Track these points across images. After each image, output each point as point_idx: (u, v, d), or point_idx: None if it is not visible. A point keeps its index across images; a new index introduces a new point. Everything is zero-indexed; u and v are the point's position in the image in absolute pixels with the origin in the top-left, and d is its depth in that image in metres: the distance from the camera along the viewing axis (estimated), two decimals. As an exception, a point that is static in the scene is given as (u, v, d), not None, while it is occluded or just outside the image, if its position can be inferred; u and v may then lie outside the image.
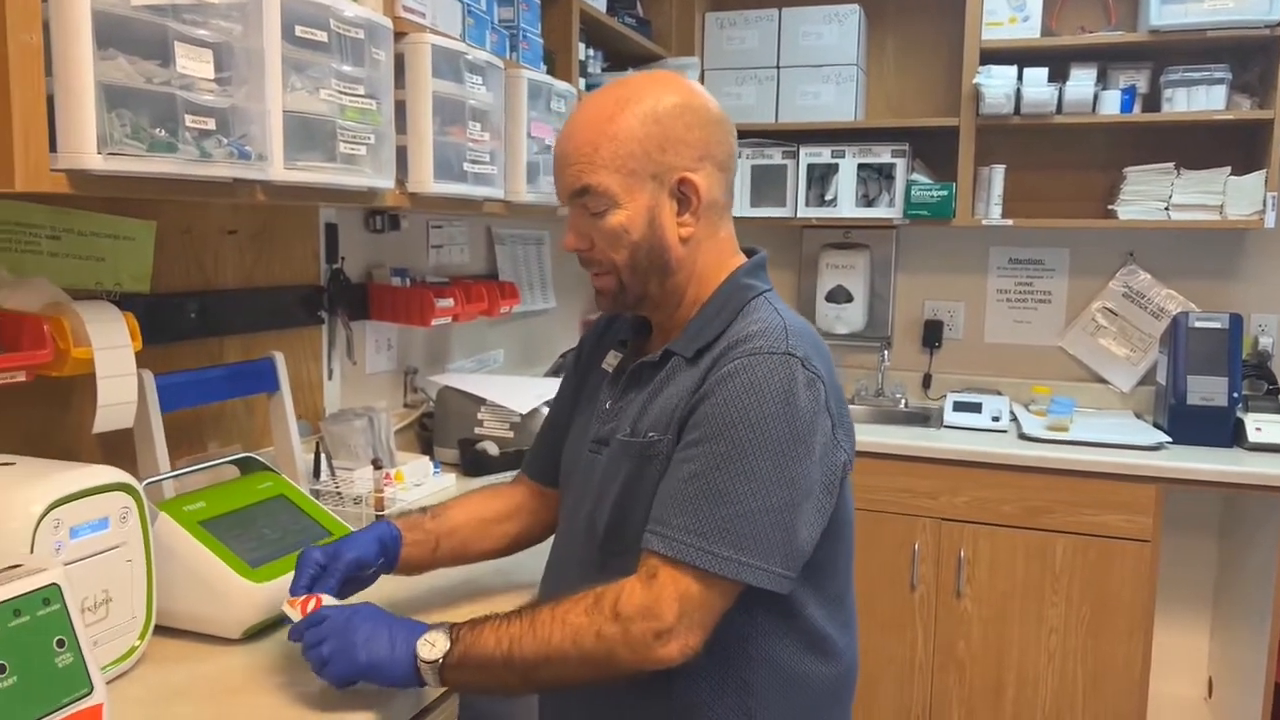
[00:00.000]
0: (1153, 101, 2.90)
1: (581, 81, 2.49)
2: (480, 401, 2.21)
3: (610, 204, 1.13)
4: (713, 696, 1.13)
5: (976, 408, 2.95)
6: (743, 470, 1.05)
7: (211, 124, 1.18)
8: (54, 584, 0.87)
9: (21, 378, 1.24)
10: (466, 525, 1.35)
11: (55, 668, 0.85)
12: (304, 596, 1.16)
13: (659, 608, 1.03)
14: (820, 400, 1.10)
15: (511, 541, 1.40)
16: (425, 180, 1.67)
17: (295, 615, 1.13)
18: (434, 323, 2.15)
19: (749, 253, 1.25)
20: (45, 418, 1.46)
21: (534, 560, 1.41)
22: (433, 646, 1.06)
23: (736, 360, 1.09)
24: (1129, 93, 2.88)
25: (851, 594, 1.25)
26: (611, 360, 1.30)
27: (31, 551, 1.02)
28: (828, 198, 3.14)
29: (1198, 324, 2.79)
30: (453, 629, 1.08)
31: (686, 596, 1.04)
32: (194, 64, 1.15)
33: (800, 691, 1.16)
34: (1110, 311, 3.15)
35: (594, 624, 1.04)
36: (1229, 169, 2.79)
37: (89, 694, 0.88)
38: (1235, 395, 2.70)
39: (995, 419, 2.89)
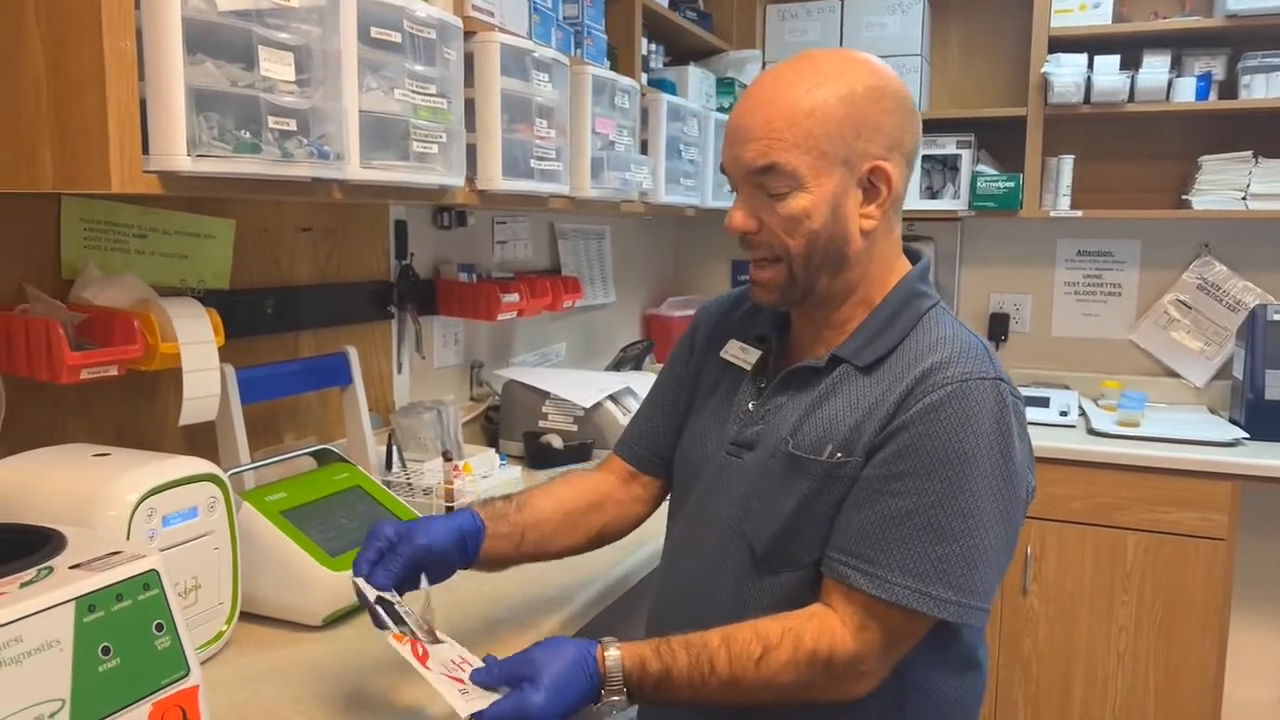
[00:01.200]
0: (1229, 88, 2.82)
1: (644, 76, 2.50)
2: (545, 395, 2.24)
3: (794, 185, 1.05)
4: None
5: (1044, 402, 2.90)
6: (961, 509, 0.99)
7: (292, 125, 1.21)
8: (153, 569, 0.90)
9: (114, 372, 1.28)
10: (553, 517, 1.26)
11: (155, 650, 0.89)
12: (410, 639, 1.03)
13: (868, 654, 1.01)
14: (1024, 427, 1.06)
15: (596, 535, 1.30)
16: (494, 177, 1.69)
17: (405, 653, 1.00)
18: (500, 317, 2.18)
19: (909, 255, 1.18)
20: (133, 410, 1.51)
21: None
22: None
23: (947, 387, 1.01)
24: (1204, 80, 2.80)
25: None
26: (740, 354, 1.23)
27: (128, 539, 1.07)
28: (891, 190, 3.10)
29: (1277, 317, 2.70)
30: (629, 692, 1.01)
31: (892, 637, 1.02)
32: (276, 66, 1.18)
33: (948, 710, 1.14)
34: (1184, 304, 3.07)
35: (802, 678, 1.01)
36: (1311, 157, 2.70)
37: (185, 676, 0.91)
38: (1317, 390, 2.63)
39: (1064, 414, 2.83)
